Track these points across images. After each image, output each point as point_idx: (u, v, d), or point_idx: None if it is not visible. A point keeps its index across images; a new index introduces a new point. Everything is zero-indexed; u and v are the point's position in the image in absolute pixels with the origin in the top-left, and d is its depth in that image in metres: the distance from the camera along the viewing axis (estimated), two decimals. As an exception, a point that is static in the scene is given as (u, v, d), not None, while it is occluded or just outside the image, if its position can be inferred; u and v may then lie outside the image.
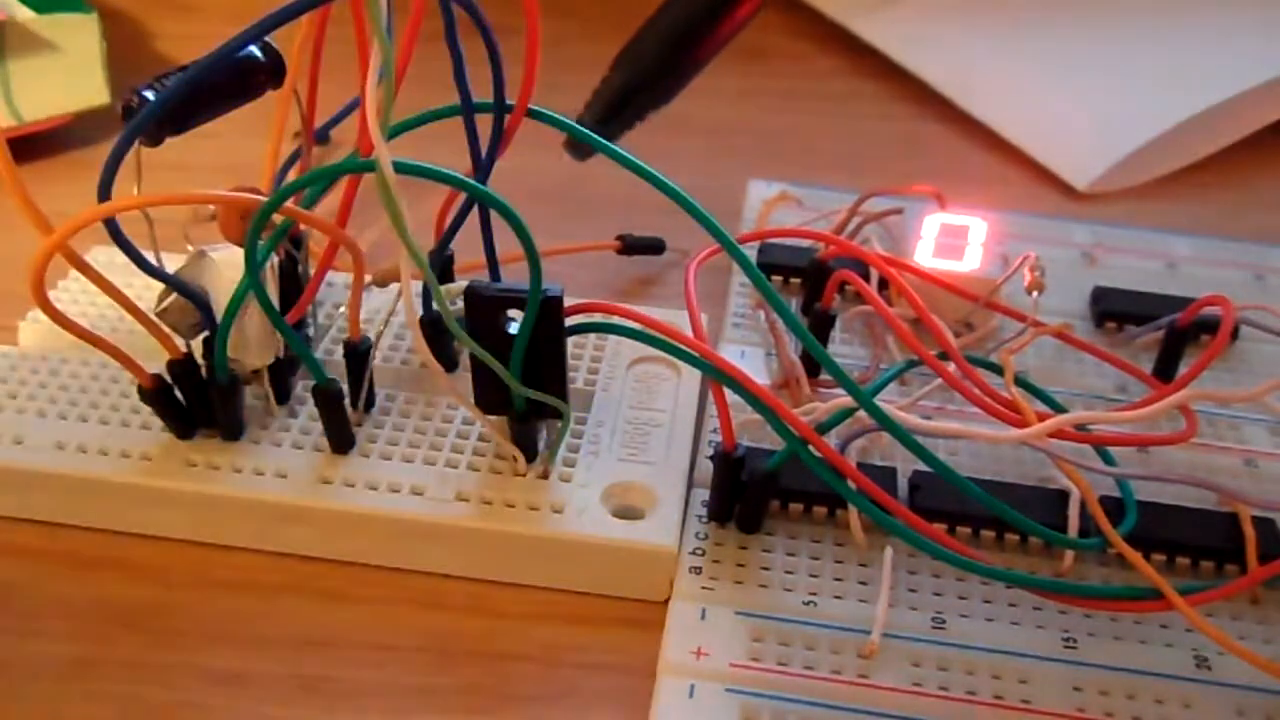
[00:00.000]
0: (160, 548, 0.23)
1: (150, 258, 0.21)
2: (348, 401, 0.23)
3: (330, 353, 0.25)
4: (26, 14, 0.33)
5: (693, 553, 0.22)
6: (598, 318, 0.22)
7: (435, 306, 0.24)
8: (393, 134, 0.20)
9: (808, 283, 0.29)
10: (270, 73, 0.22)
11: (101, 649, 0.21)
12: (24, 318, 0.26)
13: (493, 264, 0.23)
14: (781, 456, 0.22)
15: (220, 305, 0.22)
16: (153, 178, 0.21)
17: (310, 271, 0.23)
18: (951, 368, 0.22)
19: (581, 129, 0.22)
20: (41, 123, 0.34)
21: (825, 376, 0.26)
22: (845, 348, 0.28)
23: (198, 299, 0.22)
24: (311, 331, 0.25)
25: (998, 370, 0.23)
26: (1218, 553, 0.22)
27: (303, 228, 0.23)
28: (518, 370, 0.21)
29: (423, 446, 0.23)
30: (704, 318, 0.22)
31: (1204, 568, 0.23)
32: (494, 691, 0.20)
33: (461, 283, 0.21)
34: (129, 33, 0.42)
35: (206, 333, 0.22)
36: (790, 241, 0.29)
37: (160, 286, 0.22)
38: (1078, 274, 0.31)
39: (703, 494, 0.23)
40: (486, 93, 0.21)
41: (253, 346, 0.22)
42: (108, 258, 0.23)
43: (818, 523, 0.23)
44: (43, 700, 0.20)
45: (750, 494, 0.22)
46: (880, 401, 0.21)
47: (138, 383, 0.22)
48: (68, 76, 0.34)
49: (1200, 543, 0.22)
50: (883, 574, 0.21)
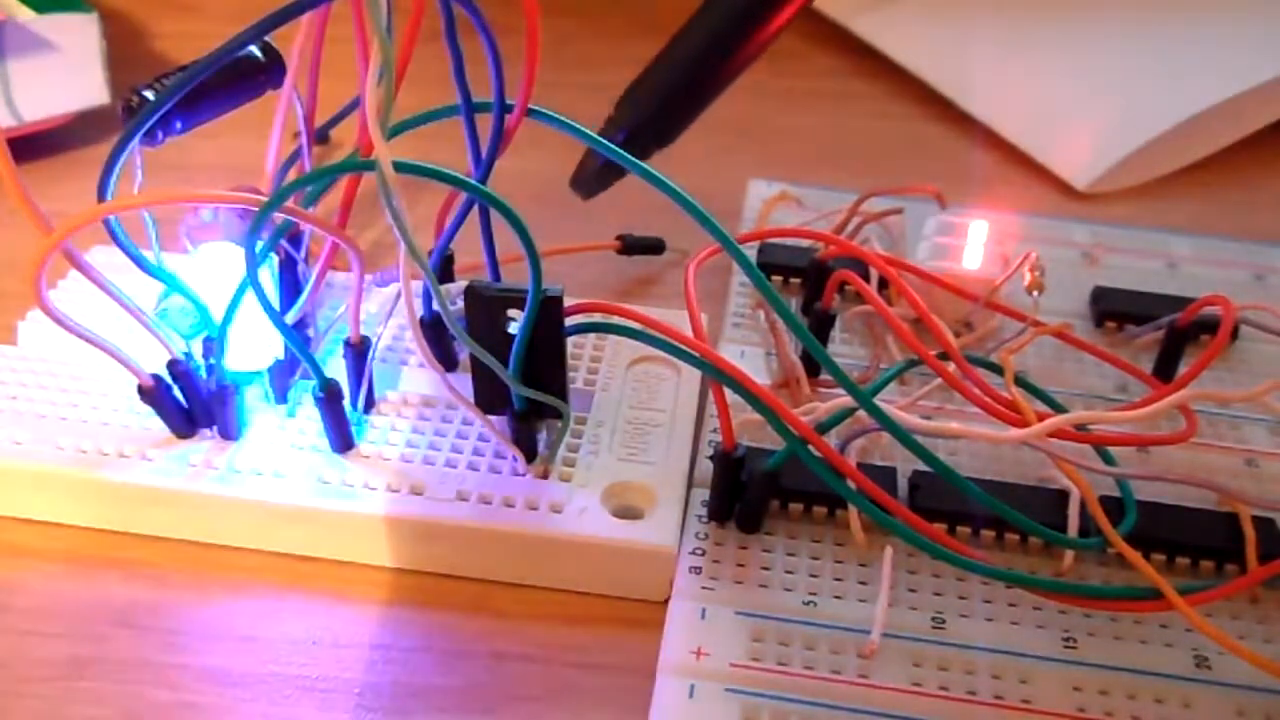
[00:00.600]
0: (160, 548, 0.23)
1: (150, 258, 0.21)
2: (348, 401, 0.23)
3: (330, 353, 0.25)
4: (26, 14, 0.33)
5: (693, 553, 0.22)
6: (598, 318, 0.22)
7: (435, 306, 0.24)
8: (393, 134, 0.20)
9: (808, 283, 0.29)
10: (270, 73, 0.22)
11: (101, 649, 0.21)
12: (24, 318, 0.26)
13: (493, 264, 0.23)
14: (781, 456, 0.22)
15: (220, 305, 0.22)
16: (153, 178, 0.21)
17: (310, 272, 0.23)
18: (951, 368, 0.22)
19: (589, 133, 0.22)
20: (41, 123, 0.34)
21: (825, 376, 0.26)
22: (845, 348, 0.28)
23: (198, 299, 0.22)
24: (311, 331, 0.25)
25: (998, 370, 0.23)
26: (1218, 553, 0.22)
27: (303, 228, 0.23)
28: (518, 370, 0.21)
29: (422, 446, 0.23)
30: (704, 318, 0.22)
31: (1204, 568, 0.23)
32: (494, 691, 0.20)
33: (461, 283, 0.21)
34: (129, 33, 0.42)
35: (206, 333, 0.22)
36: (790, 241, 0.29)
37: (160, 286, 0.22)
38: (1078, 274, 0.31)
39: (703, 494, 0.23)
40: (486, 93, 0.21)
41: (253, 347, 0.22)
42: (108, 258, 0.23)
43: (818, 523, 0.23)
44: (43, 700, 0.20)
45: (750, 494, 0.22)
46: (880, 401, 0.21)
47: (137, 383, 0.22)
48: (68, 76, 0.34)
49: (1200, 543, 0.22)
50: (883, 574, 0.21)
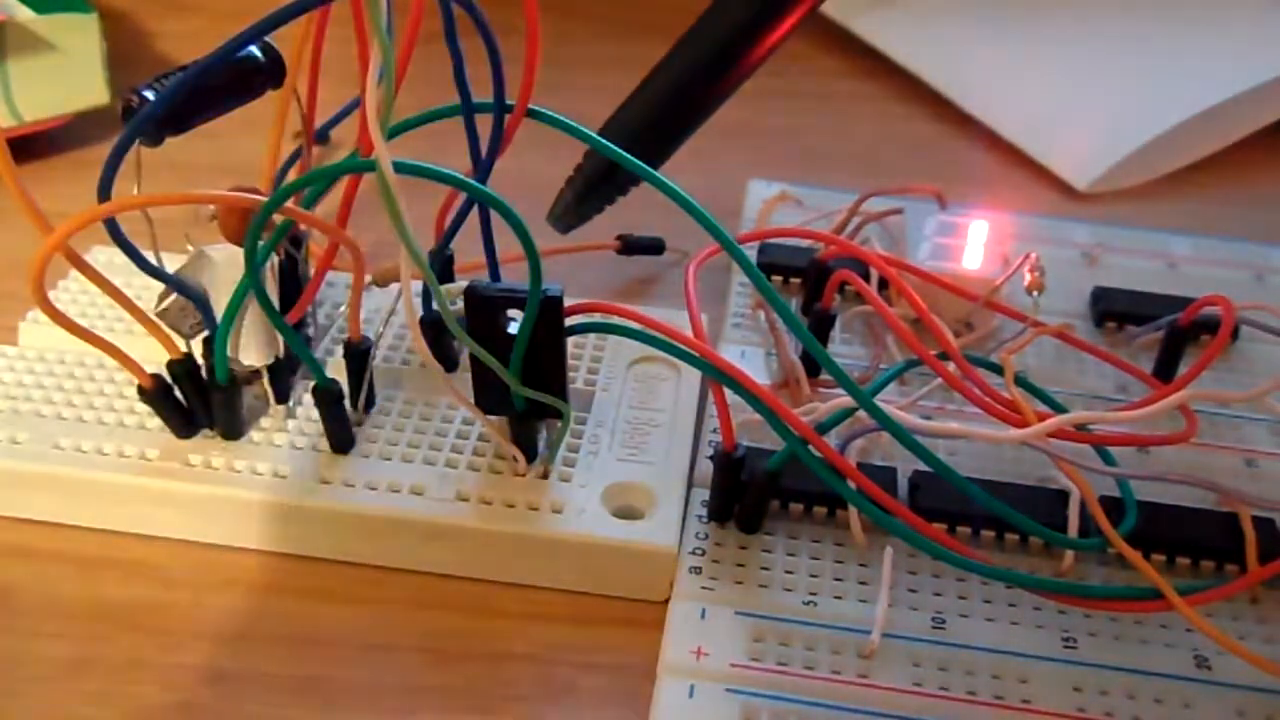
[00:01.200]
0: (160, 548, 0.23)
1: (150, 258, 0.21)
2: (348, 401, 0.23)
3: (330, 353, 0.25)
4: (26, 14, 0.33)
5: (693, 553, 0.22)
6: (598, 318, 0.22)
7: (435, 306, 0.24)
8: (393, 134, 0.20)
9: (808, 283, 0.29)
10: (270, 73, 0.22)
11: (101, 649, 0.21)
12: (24, 318, 0.26)
13: (493, 264, 0.23)
14: (781, 456, 0.22)
15: (220, 305, 0.22)
16: (153, 178, 0.21)
17: (310, 271, 0.23)
18: (951, 368, 0.22)
19: (589, 133, 0.22)
20: (41, 123, 0.34)
21: (825, 376, 0.26)
22: (845, 348, 0.28)
23: (198, 299, 0.22)
24: (311, 331, 0.25)
25: (998, 370, 0.23)
26: (1218, 553, 0.22)
27: (303, 228, 0.23)
28: (518, 370, 0.21)
29: (423, 446, 0.23)
30: (704, 318, 0.22)
31: (1204, 568, 0.23)
32: (493, 691, 0.20)
33: (461, 283, 0.21)
34: (129, 33, 0.42)
35: (206, 333, 0.22)
36: (790, 241, 0.29)
37: (160, 286, 0.22)
38: (1078, 274, 0.31)
39: (703, 494, 0.23)
40: (486, 93, 0.21)
41: (253, 346, 0.22)
42: (108, 258, 0.23)
43: (818, 523, 0.23)
44: (43, 700, 0.20)
45: (750, 494, 0.22)
46: (880, 401, 0.21)
47: (138, 383, 0.22)
48: (68, 76, 0.34)
49: (1200, 543, 0.22)
50: (883, 574, 0.21)
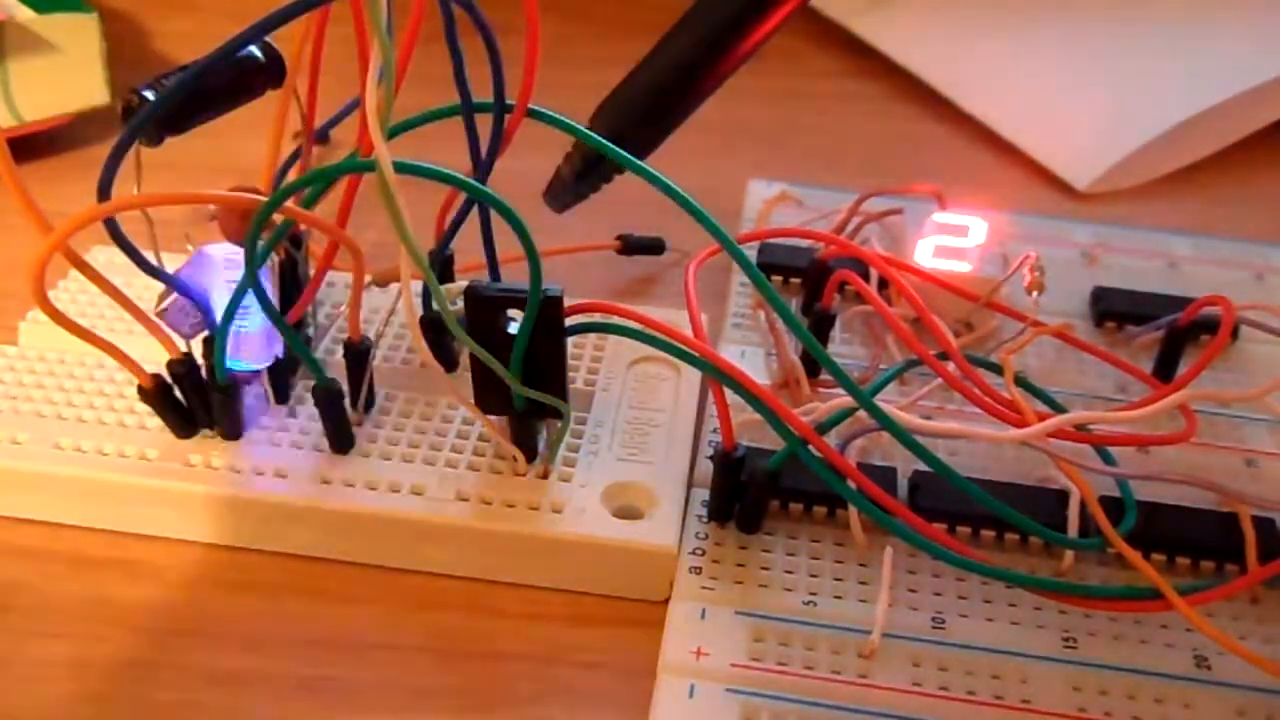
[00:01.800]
0: (160, 548, 0.23)
1: (150, 258, 0.21)
2: (348, 401, 0.23)
3: (330, 353, 0.25)
4: (26, 14, 0.33)
5: (692, 553, 0.22)
6: (598, 318, 0.22)
7: (435, 306, 0.24)
8: (393, 134, 0.20)
9: (808, 283, 0.29)
10: (270, 73, 0.22)
11: (101, 649, 0.21)
12: (24, 318, 0.26)
13: (493, 264, 0.23)
14: (781, 456, 0.22)
15: (220, 305, 0.22)
16: (153, 178, 0.21)
17: (310, 271, 0.23)
18: (951, 368, 0.22)
19: (589, 133, 0.22)
20: (41, 123, 0.34)
21: (825, 376, 0.26)
22: (845, 348, 0.28)
23: (198, 299, 0.22)
24: (311, 331, 0.25)
25: (998, 370, 0.23)
26: (1218, 552, 0.22)
27: (303, 228, 0.23)
28: (518, 370, 0.21)
29: (423, 446, 0.23)
30: (704, 318, 0.22)
31: (1204, 568, 0.23)
32: (493, 691, 0.20)
33: (461, 283, 0.21)
34: (129, 33, 0.42)
35: (206, 333, 0.22)
36: (790, 241, 0.29)
37: (160, 286, 0.22)
38: (1078, 274, 0.31)
39: (703, 494, 0.23)
40: (486, 93, 0.21)
41: (253, 346, 0.23)
42: (107, 258, 0.23)
43: (818, 523, 0.23)
44: (43, 700, 0.20)
45: (750, 494, 0.22)
46: (880, 401, 0.21)
47: (138, 383, 0.22)
48: (68, 76, 0.34)
49: (1200, 543, 0.23)
50: (883, 574, 0.21)
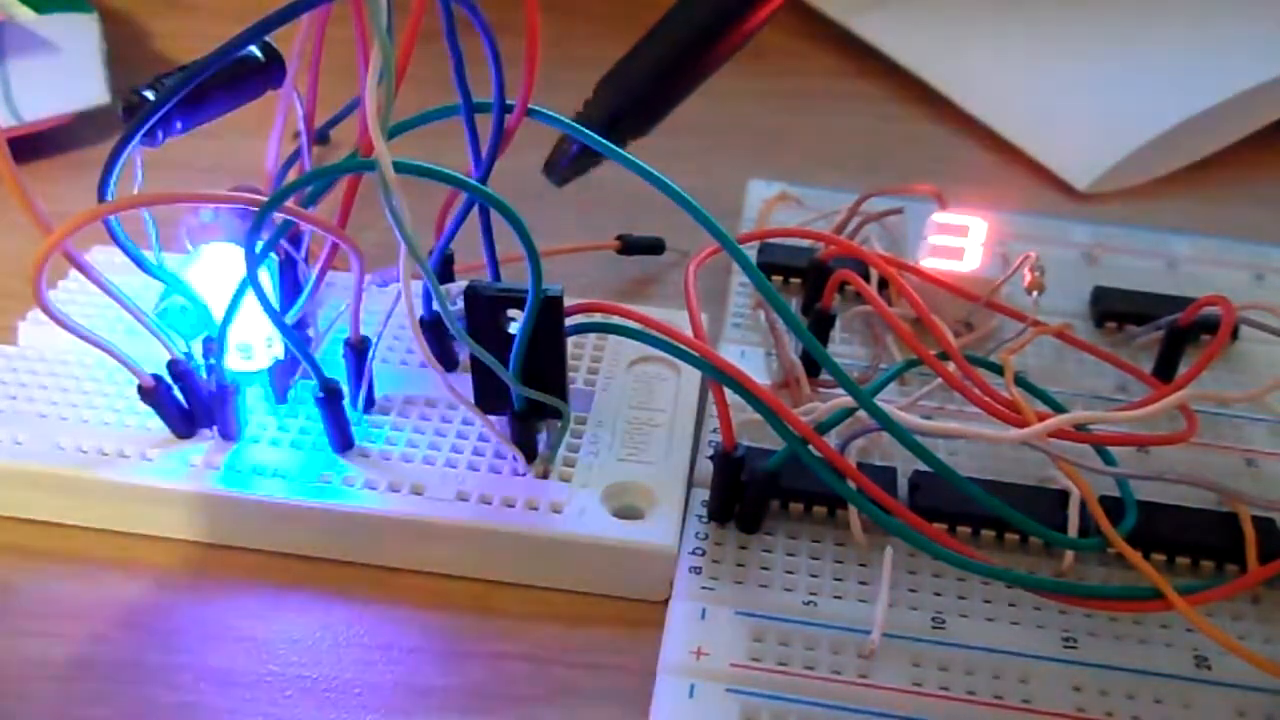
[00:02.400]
0: (160, 548, 0.23)
1: (150, 258, 0.21)
2: (348, 401, 0.23)
3: (330, 353, 0.25)
4: (26, 14, 0.33)
5: (692, 553, 0.22)
6: (598, 318, 0.22)
7: (435, 306, 0.24)
8: (393, 134, 0.20)
9: (808, 283, 0.29)
10: (270, 73, 0.22)
11: (101, 649, 0.21)
12: (24, 318, 0.26)
13: (493, 264, 0.23)
14: (781, 456, 0.22)
15: (220, 305, 0.22)
16: (153, 178, 0.21)
17: (310, 272, 0.23)
18: (951, 368, 0.22)
19: (584, 129, 0.22)
20: (41, 123, 0.34)
21: (825, 376, 0.26)
22: (845, 348, 0.28)
23: (198, 299, 0.22)
24: (311, 331, 0.25)
25: (998, 370, 0.23)
26: (1218, 552, 0.22)
27: (303, 228, 0.23)
28: (518, 370, 0.21)
29: (423, 446, 0.23)
30: (704, 318, 0.22)
31: (1204, 568, 0.23)
32: (493, 691, 0.20)
33: (461, 283, 0.21)
34: (129, 33, 0.42)
35: (206, 333, 0.22)
36: (790, 241, 0.29)
37: (160, 286, 0.22)
38: (1078, 274, 0.31)
39: (703, 494, 0.23)
40: (486, 93, 0.21)
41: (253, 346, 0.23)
42: (107, 258, 0.23)
43: (818, 523, 0.23)
44: (43, 700, 0.20)
45: (750, 494, 0.22)
46: (880, 401, 0.21)
47: (137, 383, 0.22)
48: (68, 76, 0.34)
49: (1200, 543, 0.23)
50: (883, 574, 0.21)
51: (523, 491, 0.22)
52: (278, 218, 0.20)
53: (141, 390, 0.22)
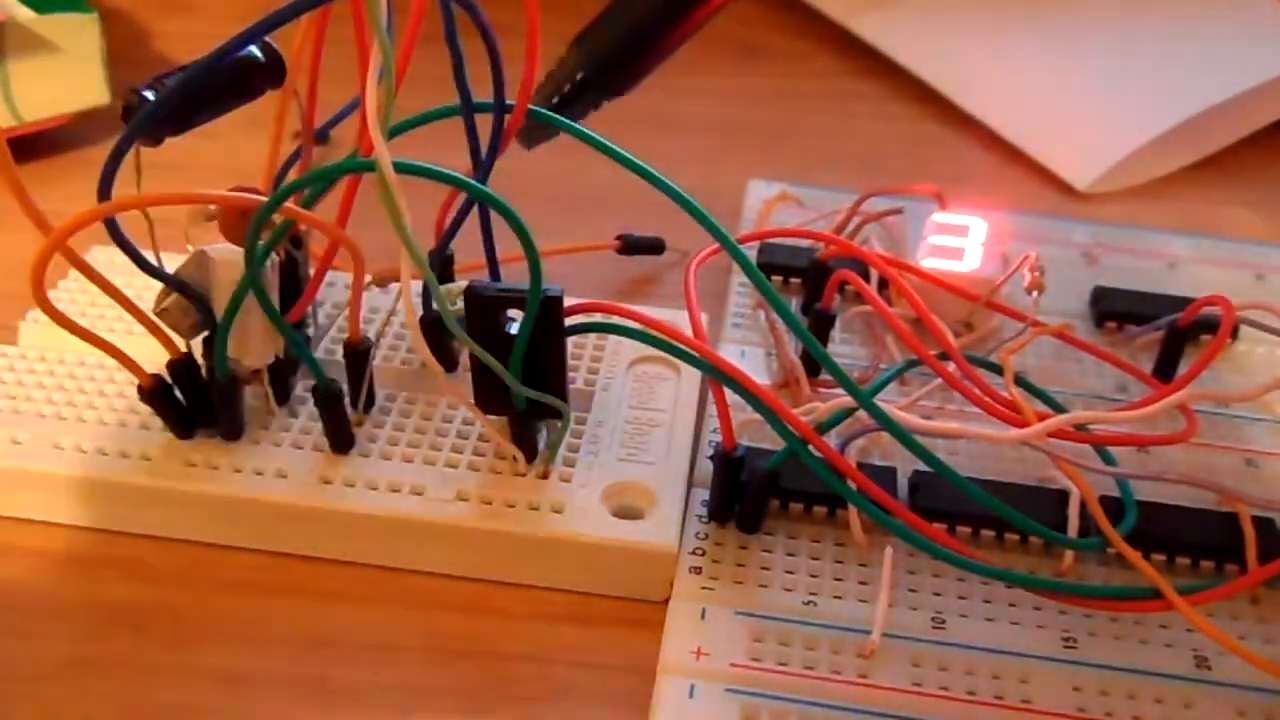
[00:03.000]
0: (160, 548, 0.23)
1: (150, 258, 0.21)
2: (348, 401, 0.23)
3: (330, 353, 0.25)
4: (26, 14, 0.33)
5: (692, 553, 0.22)
6: (598, 318, 0.22)
7: (435, 306, 0.24)
8: (393, 134, 0.20)
9: (808, 283, 0.29)
10: (270, 73, 0.22)
11: (101, 649, 0.21)
12: (24, 318, 0.26)
13: (493, 264, 0.23)
14: (781, 456, 0.22)
15: (220, 305, 0.22)
16: (153, 178, 0.21)
17: (310, 271, 0.23)
18: (951, 368, 0.22)
19: (589, 133, 0.22)
20: (41, 123, 0.34)
21: (825, 376, 0.26)
22: (845, 348, 0.28)
23: (198, 299, 0.22)
24: (311, 331, 0.25)
25: (998, 370, 0.23)
26: (1218, 552, 0.22)
27: (303, 228, 0.23)
28: (518, 370, 0.21)
29: (423, 446, 0.23)
30: (704, 318, 0.22)
31: (1204, 568, 0.23)
32: (493, 691, 0.20)
33: (461, 283, 0.21)
34: (129, 33, 0.42)
35: (206, 333, 0.22)
36: (790, 241, 0.29)
37: (160, 286, 0.22)
38: (1078, 274, 0.31)
39: (703, 494, 0.23)
40: (486, 93, 0.21)
41: (253, 346, 0.22)
42: (107, 258, 0.23)
43: (818, 523, 0.23)
44: (43, 700, 0.20)
45: (750, 494, 0.22)
46: (880, 401, 0.21)
47: (138, 383, 0.22)
48: (68, 76, 0.34)
49: (1200, 543, 0.23)
50: (883, 574, 0.21)
51: (523, 492, 0.22)
52: (278, 218, 0.20)
53: (141, 390, 0.22)
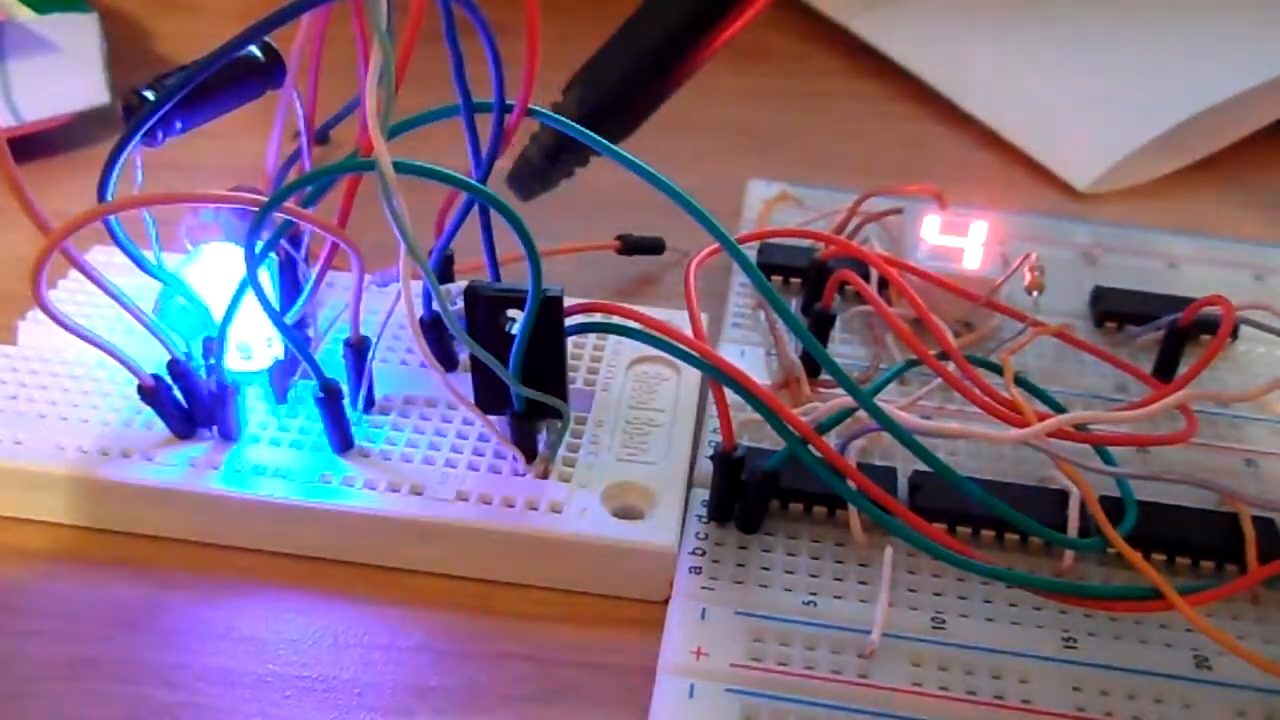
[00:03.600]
0: (160, 548, 0.23)
1: (150, 258, 0.21)
2: (348, 401, 0.23)
3: (330, 353, 0.25)
4: (26, 14, 0.33)
5: (692, 553, 0.22)
6: (598, 318, 0.22)
7: (435, 306, 0.24)
8: (393, 134, 0.20)
9: (808, 283, 0.29)
10: (270, 73, 0.22)
11: (101, 649, 0.21)
12: (24, 318, 0.26)
13: (493, 264, 0.23)
14: (781, 456, 0.22)
15: (220, 305, 0.22)
16: (153, 178, 0.21)
17: (310, 272, 0.23)
18: (951, 368, 0.22)
19: (589, 133, 0.22)
20: (41, 123, 0.34)
21: (825, 376, 0.26)
22: (845, 348, 0.28)
23: (198, 299, 0.22)
24: (311, 331, 0.25)
25: (998, 370, 0.23)
26: (1218, 552, 0.22)
27: (303, 228, 0.23)
28: (518, 370, 0.21)
29: (422, 446, 0.23)
30: (704, 318, 0.22)
31: (1204, 568, 0.23)
32: (493, 691, 0.20)
33: (461, 283, 0.21)
34: (129, 33, 0.42)
35: (206, 333, 0.22)
36: (790, 241, 0.29)
37: (160, 286, 0.22)
38: (1078, 274, 0.31)
39: (703, 494, 0.23)
40: (486, 93, 0.21)
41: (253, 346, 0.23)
42: (107, 258, 0.23)
43: (818, 523, 0.23)
44: (43, 700, 0.20)
45: (750, 494, 0.22)
46: (880, 401, 0.21)
47: (138, 383, 0.22)
48: (68, 76, 0.34)
49: (1200, 543, 0.23)
50: (883, 574, 0.21)
51: (523, 491, 0.22)
52: (278, 218, 0.20)
53: (141, 390, 0.22)
